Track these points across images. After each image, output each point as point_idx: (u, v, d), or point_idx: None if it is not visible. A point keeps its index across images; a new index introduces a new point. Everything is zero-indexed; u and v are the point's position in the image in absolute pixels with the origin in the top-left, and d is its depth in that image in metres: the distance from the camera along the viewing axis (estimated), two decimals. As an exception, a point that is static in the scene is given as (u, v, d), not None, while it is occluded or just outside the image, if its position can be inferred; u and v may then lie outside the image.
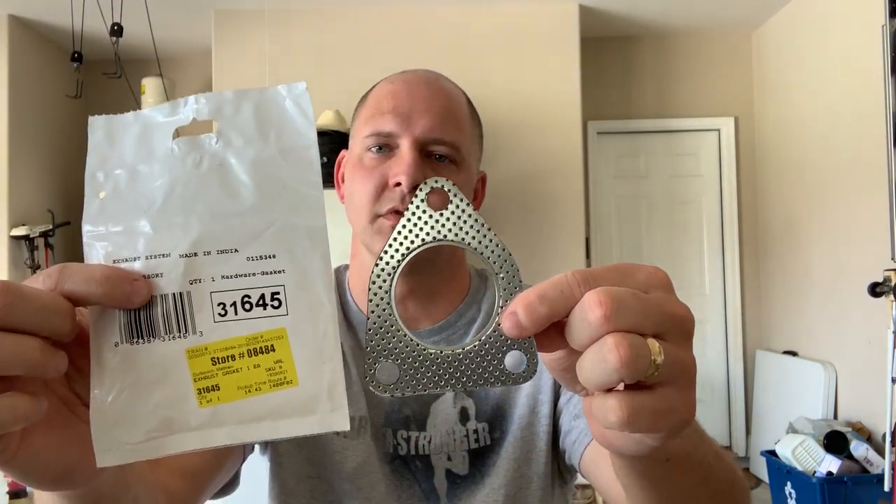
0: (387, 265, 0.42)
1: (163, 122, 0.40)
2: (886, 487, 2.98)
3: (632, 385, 0.37)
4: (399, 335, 0.40)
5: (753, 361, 4.67)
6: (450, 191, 0.42)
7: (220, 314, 0.38)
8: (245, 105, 0.40)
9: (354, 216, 0.86)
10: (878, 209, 3.38)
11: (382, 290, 0.41)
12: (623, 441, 0.41)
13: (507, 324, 0.38)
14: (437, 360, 0.40)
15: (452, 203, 0.42)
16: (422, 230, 0.43)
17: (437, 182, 0.42)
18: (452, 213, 0.43)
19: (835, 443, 3.32)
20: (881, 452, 3.20)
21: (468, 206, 0.43)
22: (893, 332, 2.99)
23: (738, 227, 4.82)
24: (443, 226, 0.43)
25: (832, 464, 3.24)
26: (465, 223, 0.43)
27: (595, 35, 4.61)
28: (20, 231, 4.12)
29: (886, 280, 3.11)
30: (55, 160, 4.58)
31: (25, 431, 0.38)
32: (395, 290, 0.60)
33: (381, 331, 0.40)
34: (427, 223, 0.43)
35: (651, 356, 0.36)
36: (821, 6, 4.00)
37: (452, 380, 0.39)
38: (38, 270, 3.86)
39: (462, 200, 0.42)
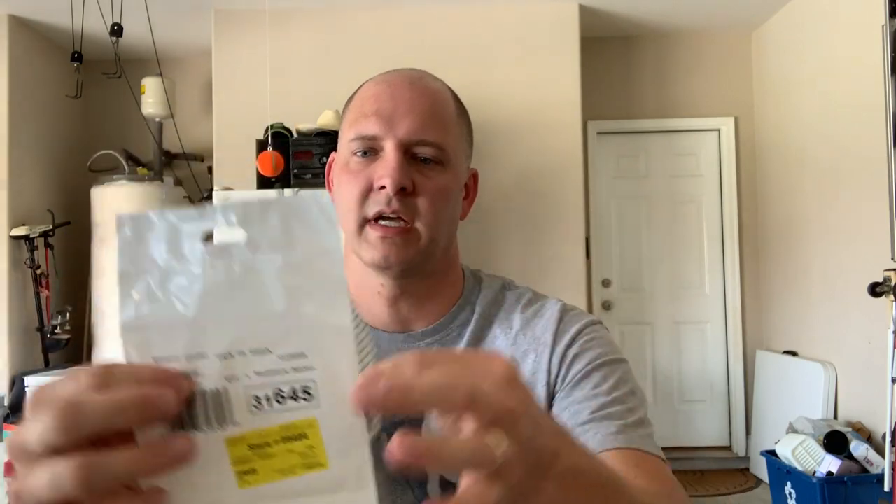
0: None
1: (191, 226, 0.43)
2: (886, 487, 2.98)
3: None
4: None
5: (753, 361, 4.67)
6: None
7: (255, 406, 0.42)
8: (272, 213, 0.43)
9: (343, 221, 0.86)
10: (878, 209, 3.38)
11: None
12: None
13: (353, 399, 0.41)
14: None
15: None
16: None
17: None
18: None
19: (835, 443, 3.32)
20: (881, 452, 3.20)
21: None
22: (893, 332, 2.99)
23: (738, 227, 4.82)
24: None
25: (832, 464, 3.24)
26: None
27: (595, 35, 4.61)
28: (20, 231, 4.12)
29: (886, 280, 3.11)
30: (55, 160, 4.59)
31: None
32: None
33: None
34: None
35: (490, 450, 0.39)
36: (821, 6, 4.00)
37: None
38: (38, 270, 3.82)
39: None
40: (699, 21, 4.64)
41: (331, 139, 3.65)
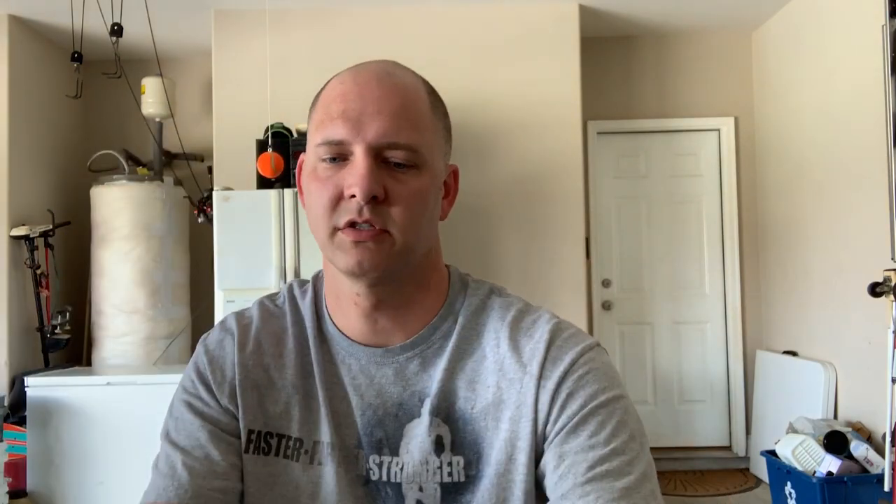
0: None
1: None
2: (886, 487, 2.98)
3: None
4: None
5: (753, 361, 4.67)
6: None
7: None
8: None
9: (314, 229, 0.82)
10: (878, 209, 3.38)
11: None
12: None
13: None
14: None
15: None
16: None
17: None
18: None
19: (835, 443, 3.32)
20: (881, 452, 3.20)
21: None
22: (893, 332, 2.99)
23: (738, 227, 4.82)
24: None
25: (832, 464, 3.23)
26: None
27: (595, 35, 4.61)
28: (20, 231, 4.12)
29: (886, 280, 3.11)
30: (55, 160, 4.59)
31: None
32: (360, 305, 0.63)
33: None
34: None
35: None
36: (821, 6, 4.00)
37: None
38: (38, 270, 3.83)
39: None
40: (699, 21, 4.64)
41: (331, 139, 3.64)
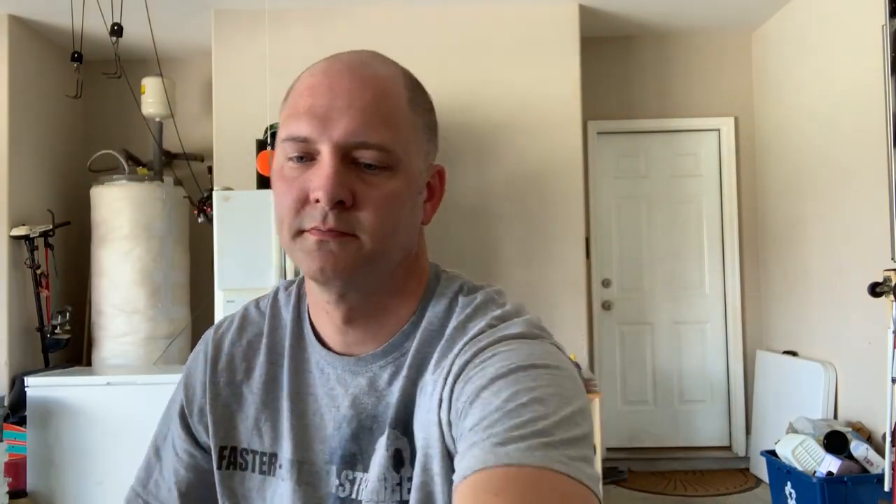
0: None
1: None
2: (886, 487, 2.98)
3: None
4: None
5: (753, 361, 4.67)
6: None
7: None
8: None
9: (277, 231, 0.76)
10: (878, 209, 3.38)
11: None
12: None
13: None
14: None
15: None
16: None
17: None
18: None
19: (835, 443, 3.32)
20: (881, 452, 3.20)
21: None
22: (893, 332, 2.99)
23: (738, 227, 4.82)
24: None
25: (832, 464, 3.23)
26: None
27: (595, 35, 4.61)
28: (20, 231, 4.12)
29: (886, 280, 3.11)
30: (55, 160, 4.58)
31: None
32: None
33: None
34: None
35: None
36: (821, 6, 4.00)
37: None
38: (38, 270, 3.84)
39: None
40: (699, 21, 4.64)
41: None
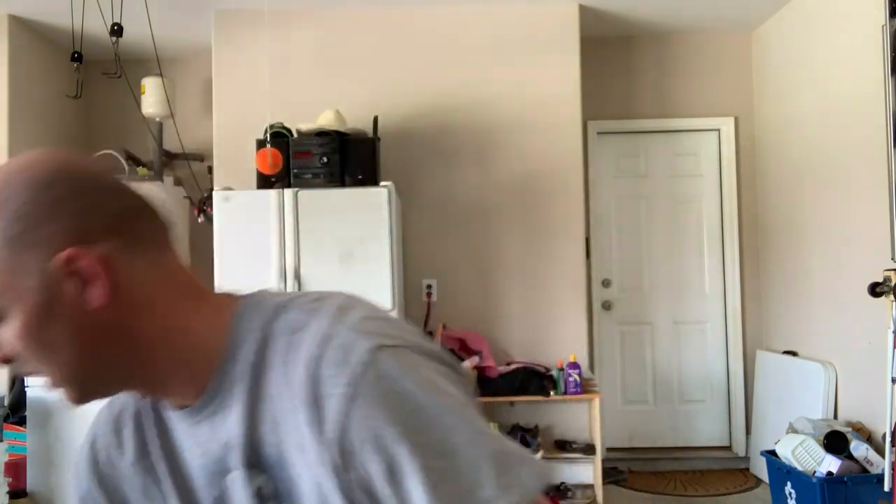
0: None
1: None
2: (886, 487, 2.98)
3: None
4: None
5: (753, 361, 4.67)
6: None
7: None
8: None
9: None
10: (878, 209, 3.38)
11: None
12: None
13: None
14: None
15: None
16: None
17: None
18: None
19: (835, 443, 3.32)
20: (881, 452, 3.20)
21: None
22: (893, 332, 2.99)
23: (738, 227, 4.82)
24: None
25: (832, 464, 3.23)
26: None
27: (595, 35, 4.61)
28: (20, 231, 4.12)
29: (886, 280, 3.11)
30: (55, 160, 4.58)
31: None
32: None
33: None
34: None
35: None
36: (821, 6, 4.00)
37: None
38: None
39: None
40: (699, 21, 4.64)
41: (331, 139, 3.65)
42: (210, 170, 4.32)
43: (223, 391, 0.71)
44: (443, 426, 0.65)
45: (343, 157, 3.64)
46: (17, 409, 3.84)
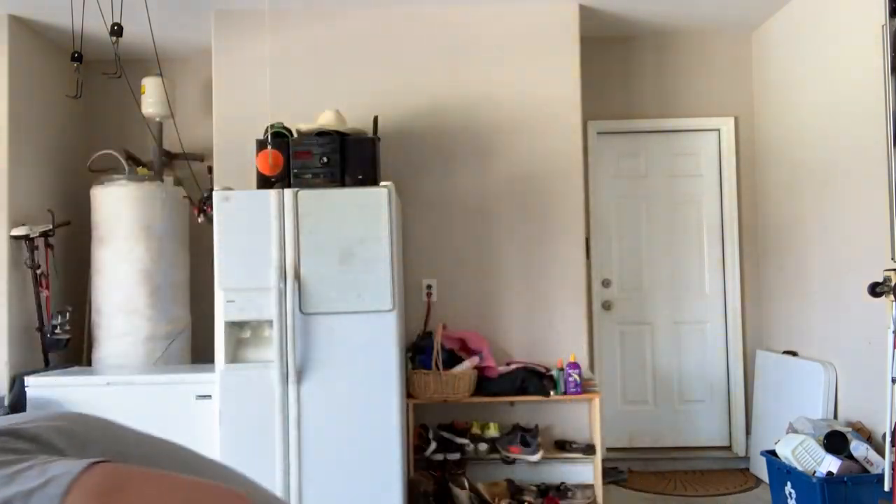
0: None
1: None
2: (886, 487, 2.98)
3: None
4: None
5: (753, 361, 4.67)
6: None
7: None
8: None
9: None
10: (878, 209, 3.38)
11: None
12: None
13: None
14: None
15: None
16: None
17: None
18: None
19: (835, 443, 3.32)
20: (881, 452, 3.20)
21: None
22: (893, 332, 2.99)
23: (738, 227, 4.82)
24: None
25: (832, 464, 3.23)
26: None
27: (595, 35, 4.61)
28: (20, 231, 4.12)
29: (886, 280, 3.11)
30: (55, 160, 4.58)
31: None
32: None
33: None
34: None
35: None
36: (821, 6, 4.00)
37: None
38: (38, 270, 3.82)
39: None
40: (699, 21, 4.64)
41: (331, 139, 3.64)
42: (210, 170, 4.32)
43: None
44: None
45: (343, 157, 3.64)
46: (17, 409, 3.84)
